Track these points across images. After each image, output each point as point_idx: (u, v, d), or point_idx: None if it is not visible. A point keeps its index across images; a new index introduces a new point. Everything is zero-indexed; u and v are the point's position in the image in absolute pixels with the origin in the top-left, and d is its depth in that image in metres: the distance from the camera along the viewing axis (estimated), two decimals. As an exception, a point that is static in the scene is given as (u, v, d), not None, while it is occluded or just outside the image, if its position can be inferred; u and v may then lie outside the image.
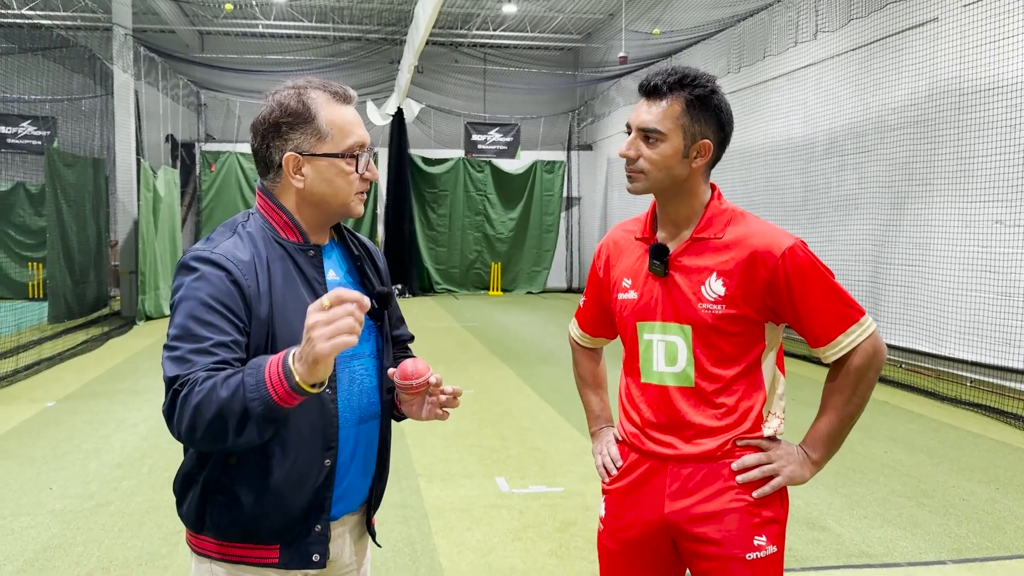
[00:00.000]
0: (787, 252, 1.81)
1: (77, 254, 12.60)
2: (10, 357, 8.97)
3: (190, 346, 1.52)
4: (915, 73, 9.01)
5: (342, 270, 1.82)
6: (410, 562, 3.99)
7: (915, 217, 9.04)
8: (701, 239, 1.88)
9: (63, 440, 6.14)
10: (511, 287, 19.91)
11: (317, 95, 1.69)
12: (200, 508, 1.67)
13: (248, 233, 1.69)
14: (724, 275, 1.83)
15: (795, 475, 1.85)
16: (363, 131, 1.73)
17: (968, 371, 8.16)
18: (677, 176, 1.86)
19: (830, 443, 1.86)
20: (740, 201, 12.89)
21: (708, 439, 1.86)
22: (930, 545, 4.25)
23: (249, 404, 1.41)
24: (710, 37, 13.78)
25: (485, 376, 8.88)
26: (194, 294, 1.57)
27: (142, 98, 15.51)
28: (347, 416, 1.72)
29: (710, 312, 1.83)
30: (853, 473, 5.39)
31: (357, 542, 1.86)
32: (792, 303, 1.82)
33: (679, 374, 1.88)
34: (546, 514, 4.64)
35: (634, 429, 1.96)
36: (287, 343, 1.61)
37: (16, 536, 4.28)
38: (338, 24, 18.75)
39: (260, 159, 1.72)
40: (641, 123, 1.86)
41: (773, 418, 1.90)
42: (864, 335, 1.82)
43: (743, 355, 1.86)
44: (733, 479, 1.85)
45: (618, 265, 2.02)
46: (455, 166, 19.55)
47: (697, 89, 1.84)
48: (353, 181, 1.71)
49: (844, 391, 1.84)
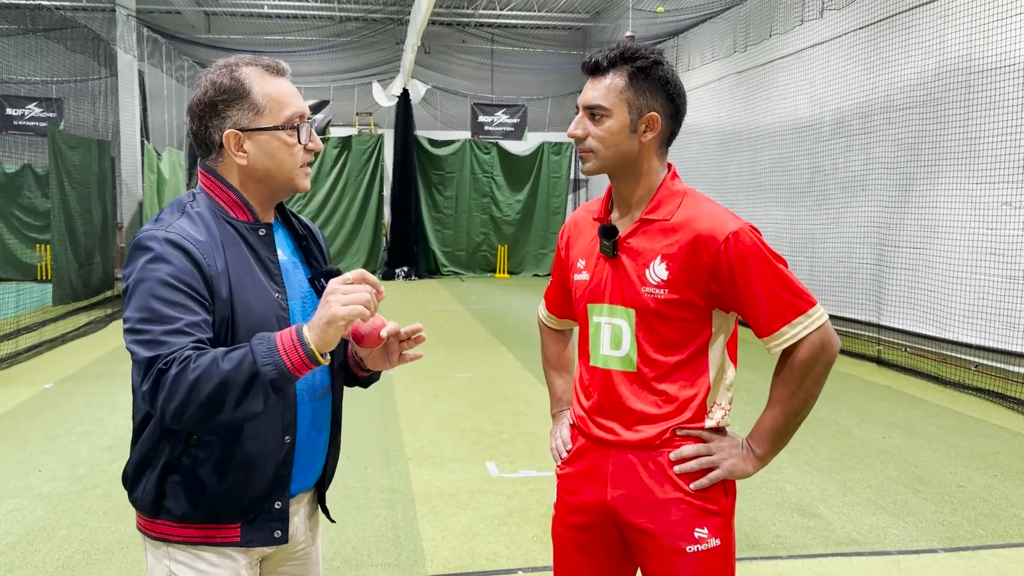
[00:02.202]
0: (730, 237, 1.74)
1: (82, 236, 12.62)
2: (11, 339, 9.00)
3: (162, 327, 1.49)
4: (923, 52, 8.83)
5: (288, 249, 1.81)
6: (392, 547, 3.96)
7: (922, 198, 8.90)
8: (650, 220, 1.82)
9: (57, 422, 6.14)
10: (517, 270, 19.84)
11: (249, 70, 1.67)
12: (158, 492, 1.65)
13: (198, 213, 1.66)
14: (668, 259, 1.77)
15: (736, 468, 1.79)
16: (300, 101, 1.71)
17: (973, 355, 8.04)
18: (627, 152, 1.80)
19: (775, 438, 1.80)
20: (746, 183, 12.81)
21: (648, 426, 1.81)
22: (922, 533, 4.19)
23: (261, 369, 1.44)
24: (716, 16, 13.59)
25: (484, 359, 8.83)
26: (153, 275, 1.54)
27: (146, 80, 15.48)
28: (303, 393, 1.73)
29: (652, 296, 1.78)
30: (849, 459, 5.32)
31: (310, 518, 1.89)
32: (735, 290, 1.75)
33: (623, 358, 1.84)
34: (534, 499, 4.59)
35: (582, 413, 1.93)
36: (247, 323, 1.61)
37: (1, 519, 4.27)
38: (343, 4, 18.61)
39: (200, 141, 1.70)
40: (586, 101, 1.81)
41: (717, 409, 1.84)
42: (812, 327, 1.74)
43: (687, 342, 1.80)
44: (672, 468, 1.80)
45: (576, 245, 1.99)
46: (461, 148, 19.42)
47: (639, 61, 1.77)
48: (296, 153, 1.69)
49: (789, 385, 1.77)
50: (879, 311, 9.48)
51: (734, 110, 13.38)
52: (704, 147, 14.24)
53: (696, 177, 14.29)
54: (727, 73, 13.61)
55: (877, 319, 9.46)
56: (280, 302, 1.67)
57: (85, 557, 3.83)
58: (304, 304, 1.76)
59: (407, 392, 7.19)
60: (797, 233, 11.35)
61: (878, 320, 9.44)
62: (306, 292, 1.78)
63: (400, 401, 6.87)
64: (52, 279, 12.44)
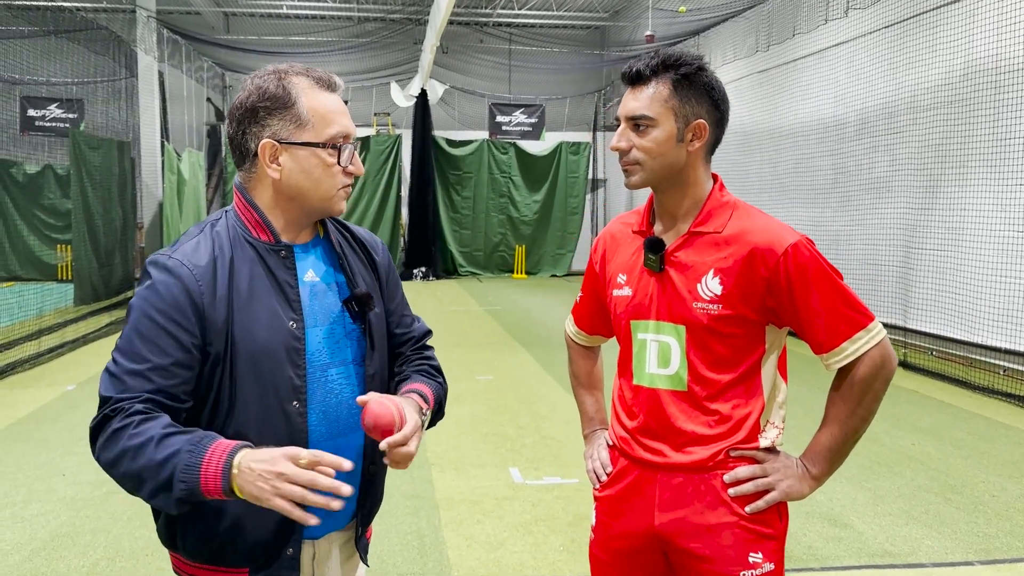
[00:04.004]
0: (790, 250, 1.67)
1: (102, 236, 12.67)
2: (33, 340, 9.04)
3: (129, 365, 1.47)
4: (950, 51, 8.69)
5: (322, 269, 1.69)
6: (418, 555, 3.91)
7: (949, 200, 8.76)
8: (699, 233, 1.75)
9: (79, 425, 6.14)
10: (535, 270, 19.78)
11: (299, 80, 1.58)
12: (170, 527, 1.61)
13: (216, 232, 1.60)
14: (722, 273, 1.70)
15: (792, 490, 1.73)
16: (348, 121, 1.62)
17: (1001, 359, 7.91)
18: (674, 163, 1.74)
19: (832, 457, 1.74)
20: (768, 184, 12.68)
21: (700, 448, 1.74)
22: (957, 544, 4.09)
23: (175, 483, 1.37)
24: (738, 15, 13.46)
25: (504, 361, 8.78)
26: (143, 305, 1.51)
27: (166, 80, 15.54)
28: (320, 430, 1.61)
29: (706, 312, 1.71)
30: (878, 467, 5.23)
31: (347, 562, 1.75)
32: (794, 305, 1.68)
33: (672, 377, 1.77)
34: (559, 507, 4.54)
35: (624, 434, 1.85)
36: (249, 353, 1.53)
37: (26, 524, 4.26)
38: (362, 4, 18.61)
39: (235, 147, 1.62)
40: (629, 112, 1.74)
41: (771, 428, 1.77)
42: (872, 343, 1.68)
43: (740, 359, 1.73)
44: (727, 491, 1.73)
45: (614, 260, 1.91)
46: (479, 148, 19.38)
47: (683, 68, 1.71)
48: (335, 174, 1.59)
49: (848, 402, 1.71)
50: (905, 314, 9.35)
51: (756, 110, 13.25)
52: (725, 147, 13.88)
53: (717, 177, 14.18)
54: (749, 72, 13.49)
55: (903, 322, 9.33)
56: (294, 331, 1.57)
57: (110, 564, 3.81)
58: (332, 330, 1.65)
59: (428, 395, 7.14)
60: (821, 234, 11.22)
61: (904, 323, 9.31)
62: (336, 316, 1.66)
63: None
64: (73, 279, 12.50)
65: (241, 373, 1.53)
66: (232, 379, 1.53)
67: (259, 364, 1.54)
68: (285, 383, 1.56)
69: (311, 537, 1.65)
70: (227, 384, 1.53)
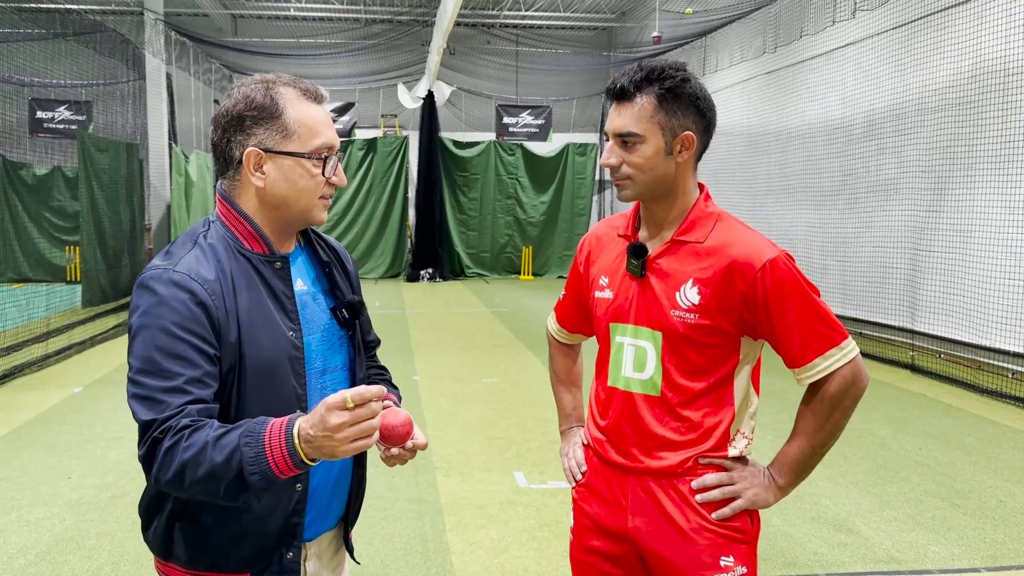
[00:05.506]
0: (768, 265, 1.69)
1: (110, 238, 12.72)
2: (41, 342, 9.08)
3: (160, 383, 1.43)
4: (958, 52, 8.65)
5: (309, 278, 1.73)
6: (422, 560, 3.91)
7: (957, 202, 8.72)
8: (682, 242, 1.77)
9: (86, 427, 6.16)
10: (542, 271, 19.77)
11: (286, 91, 1.60)
12: (166, 535, 1.61)
13: (210, 245, 1.59)
14: (701, 283, 1.72)
15: (758, 498, 1.76)
16: (332, 133, 1.63)
17: (1010, 362, 7.86)
18: (664, 176, 1.76)
19: (798, 469, 1.76)
20: (776, 185, 12.64)
21: (670, 453, 1.77)
22: (964, 550, 4.07)
23: (249, 477, 1.35)
24: (745, 16, 13.43)
25: (510, 363, 8.77)
26: (156, 322, 1.46)
27: (174, 83, 15.59)
28: None
29: (682, 320, 1.73)
30: (885, 471, 5.20)
31: (332, 558, 1.81)
32: (769, 319, 1.70)
33: (646, 382, 1.79)
34: (563, 511, 4.53)
35: (599, 435, 1.89)
36: (256, 365, 1.54)
37: (31, 528, 4.28)
38: (369, 6, 18.64)
39: (219, 154, 1.62)
40: (615, 128, 1.76)
41: (740, 438, 1.80)
42: (843, 360, 1.70)
43: (714, 368, 1.75)
44: (695, 497, 1.76)
45: (598, 261, 1.94)
46: (486, 149, 19.38)
47: (667, 81, 1.72)
48: (318, 184, 1.61)
49: (817, 417, 1.73)
50: (913, 316, 9.31)
51: (763, 111, 13.22)
52: (732, 149, 14.08)
53: (724, 179, 14.15)
54: (756, 74, 13.45)
55: (911, 324, 9.29)
56: (294, 340, 1.60)
57: (114, 568, 3.82)
58: (324, 338, 1.68)
59: (434, 397, 7.15)
60: (828, 236, 11.19)
61: (912, 325, 9.27)
62: (326, 324, 1.69)
63: (427, 406, 6.83)
64: (81, 281, 12.55)
65: (249, 386, 1.54)
66: (240, 393, 1.54)
67: (265, 376, 1.55)
68: (288, 392, 1.58)
69: (306, 539, 1.68)
70: (235, 398, 1.54)
